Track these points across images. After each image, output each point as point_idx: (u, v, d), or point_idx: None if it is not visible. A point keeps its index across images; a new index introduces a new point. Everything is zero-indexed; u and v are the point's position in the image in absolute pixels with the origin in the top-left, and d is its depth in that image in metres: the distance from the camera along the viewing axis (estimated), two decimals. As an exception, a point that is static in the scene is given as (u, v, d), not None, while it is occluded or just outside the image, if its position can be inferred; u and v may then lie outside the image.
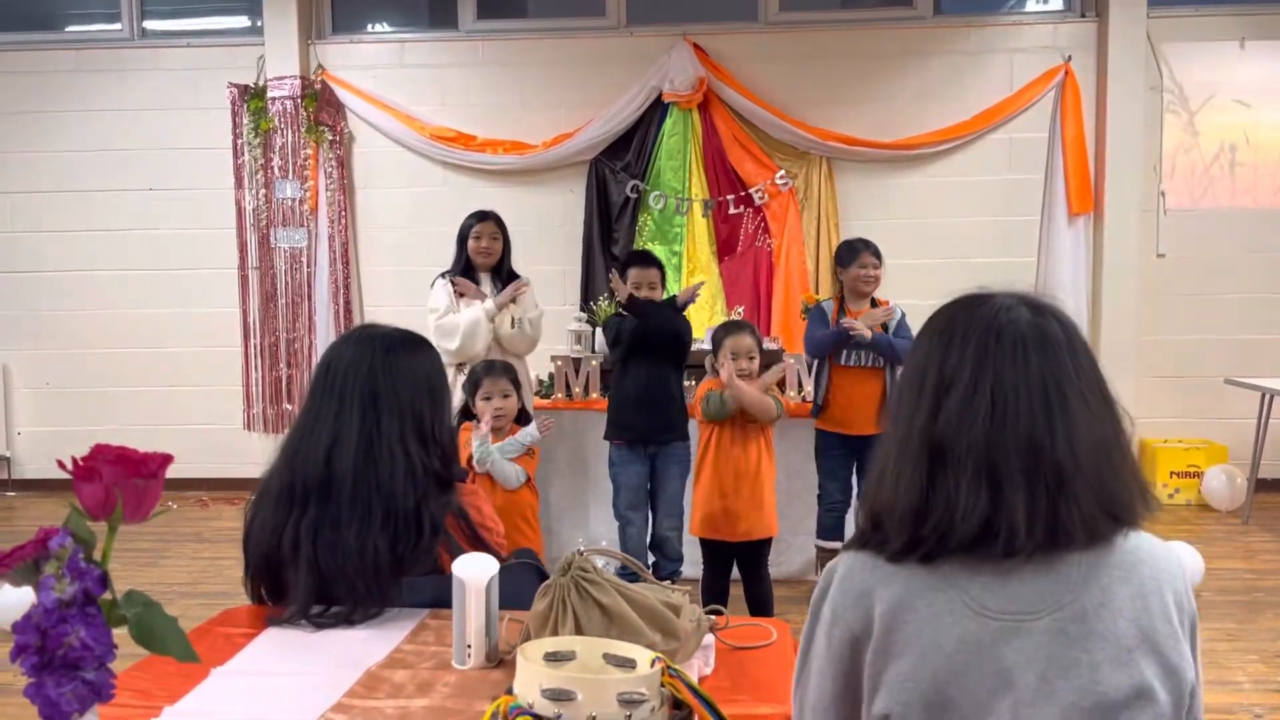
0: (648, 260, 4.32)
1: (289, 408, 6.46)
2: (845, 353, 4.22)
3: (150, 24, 6.71)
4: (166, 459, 0.93)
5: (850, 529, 4.38)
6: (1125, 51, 6.03)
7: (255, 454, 6.36)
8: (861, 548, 1.26)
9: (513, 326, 4.43)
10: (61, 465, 0.92)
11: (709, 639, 1.74)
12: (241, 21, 6.70)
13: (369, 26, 6.76)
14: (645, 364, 4.10)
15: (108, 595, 0.90)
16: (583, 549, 1.60)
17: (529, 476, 3.64)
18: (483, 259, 4.48)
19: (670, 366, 4.15)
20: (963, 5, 6.49)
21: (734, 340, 3.67)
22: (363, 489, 1.89)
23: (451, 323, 4.36)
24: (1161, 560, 1.21)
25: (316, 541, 1.86)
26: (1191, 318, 6.21)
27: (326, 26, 6.59)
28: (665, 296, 4.27)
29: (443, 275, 4.56)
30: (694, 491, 3.77)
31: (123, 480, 0.88)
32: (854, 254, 4.29)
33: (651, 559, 4.32)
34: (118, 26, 6.69)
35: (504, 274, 4.54)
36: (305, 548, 1.86)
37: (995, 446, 1.17)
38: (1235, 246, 6.18)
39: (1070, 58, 6.13)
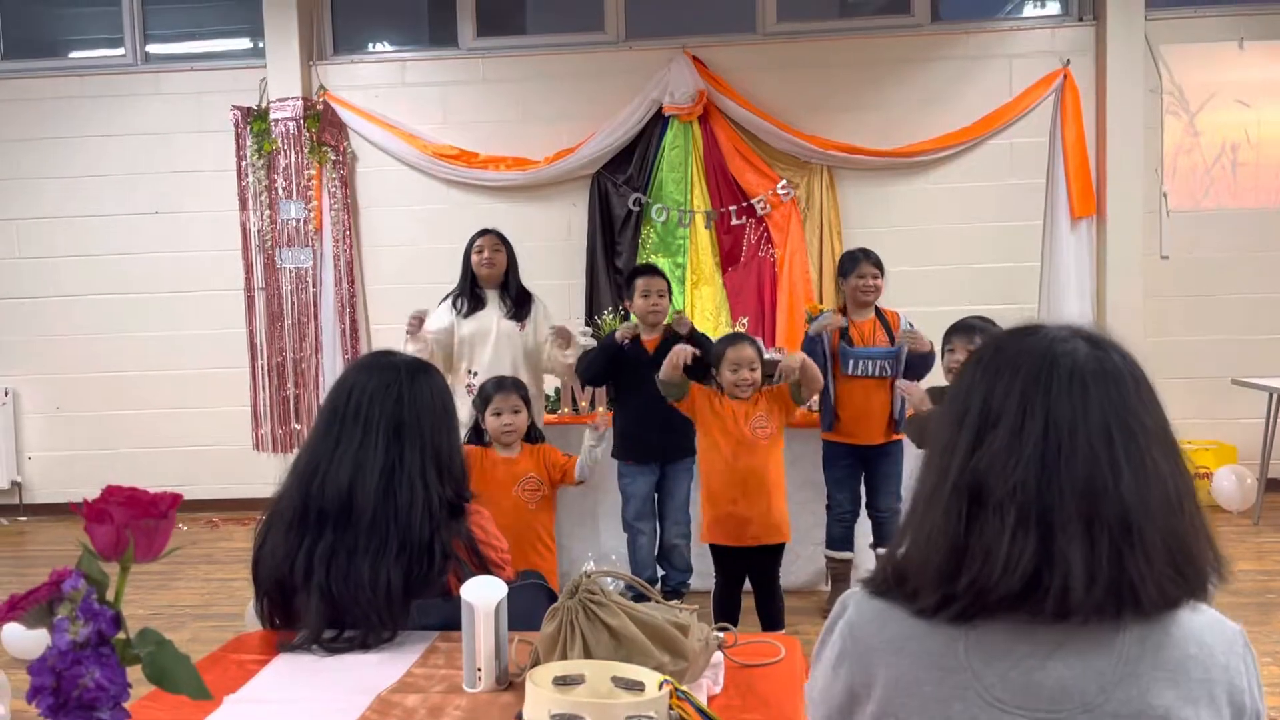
0: (654, 270, 4.39)
1: (298, 427, 6.48)
2: (850, 363, 4.23)
3: (153, 48, 6.77)
4: (175, 499, 0.95)
5: (860, 539, 4.39)
6: (1124, 54, 6.04)
7: (265, 474, 6.36)
8: (883, 594, 1.13)
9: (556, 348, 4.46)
10: (74, 508, 0.93)
11: (718, 657, 1.75)
12: (243, 44, 6.75)
13: (370, 46, 6.80)
14: (642, 384, 4.12)
15: (121, 635, 0.91)
16: (589, 571, 1.61)
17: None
18: (486, 270, 4.47)
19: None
20: (960, 11, 6.51)
21: (735, 351, 3.68)
22: (381, 520, 1.90)
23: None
24: (1219, 652, 1.05)
25: (330, 569, 1.87)
26: (1197, 319, 6.20)
27: (328, 47, 6.63)
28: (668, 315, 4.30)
29: (446, 298, 4.58)
30: (702, 497, 3.77)
31: (134, 521, 0.90)
32: (854, 264, 4.31)
33: (660, 571, 4.34)
34: (121, 52, 6.75)
35: (512, 290, 4.54)
36: (318, 575, 1.87)
37: (1047, 488, 1.02)
38: (1239, 246, 6.18)
39: (1069, 62, 6.14)
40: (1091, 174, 6.13)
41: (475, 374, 4.43)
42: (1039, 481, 1.03)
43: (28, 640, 3.75)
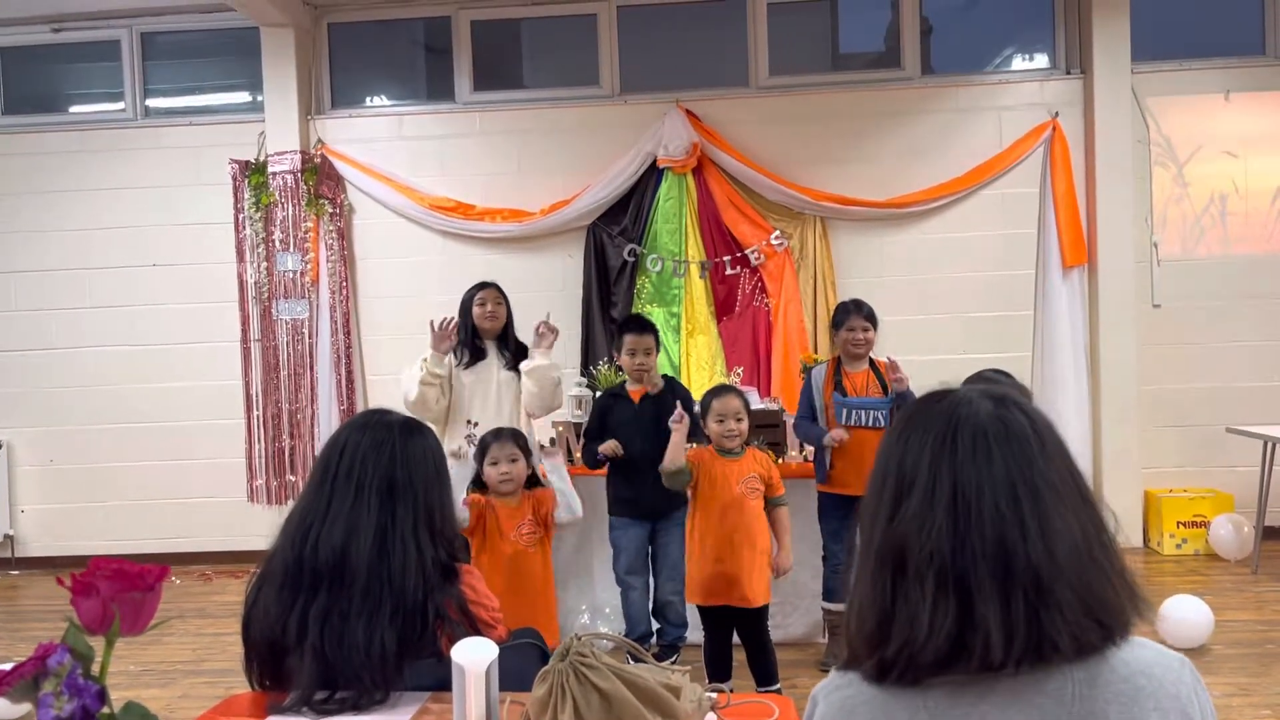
0: (643, 327, 4.34)
1: (292, 479, 6.46)
2: (843, 413, 4.24)
3: (153, 103, 6.85)
4: (163, 572, 0.95)
5: (856, 590, 4.36)
6: (1111, 107, 6.13)
7: (259, 526, 6.34)
8: (850, 666, 1.17)
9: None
10: (61, 582, 0.93)
11: (710, 718, 1.74)
12: (243, 98, 6.83)
13: (368, 100, 6.88)
14: (630, 439, 4.13)
15: (106, 710, 0.91)
16: (581, 634, 1.61)
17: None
18: (489, 324, 4.52)
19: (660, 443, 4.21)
20: (950, 65, 6.60)
21: (720, 402, 3.70)
22: (375, 582, 1.89)
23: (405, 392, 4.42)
24: (1168, 683, 1.08)
25: (324, 630, 1.86)
26: (1190, 367, 6.23)
27: (326, 101, 6.71)
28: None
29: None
30: (687, 558, 3.76)
31: (120, 595, 0.90)
32: (845, 317, 4.34)
33: (655, 625, 4.30)
34: (120, 106, 6.83)
35: (510, 342, 4.58)
36: (312, 635, 1.86)
37: (960, 552, 1.07)
38: (1230, 295, 6.22)
39: (1058, 114, 6.22)
40: (1082, 223, 6.19)
41: (476, 424, 4.44)
42: (952, 547, 1.07)
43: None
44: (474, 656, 1.66)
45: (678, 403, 3.70)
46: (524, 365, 4.44)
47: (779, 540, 3.73)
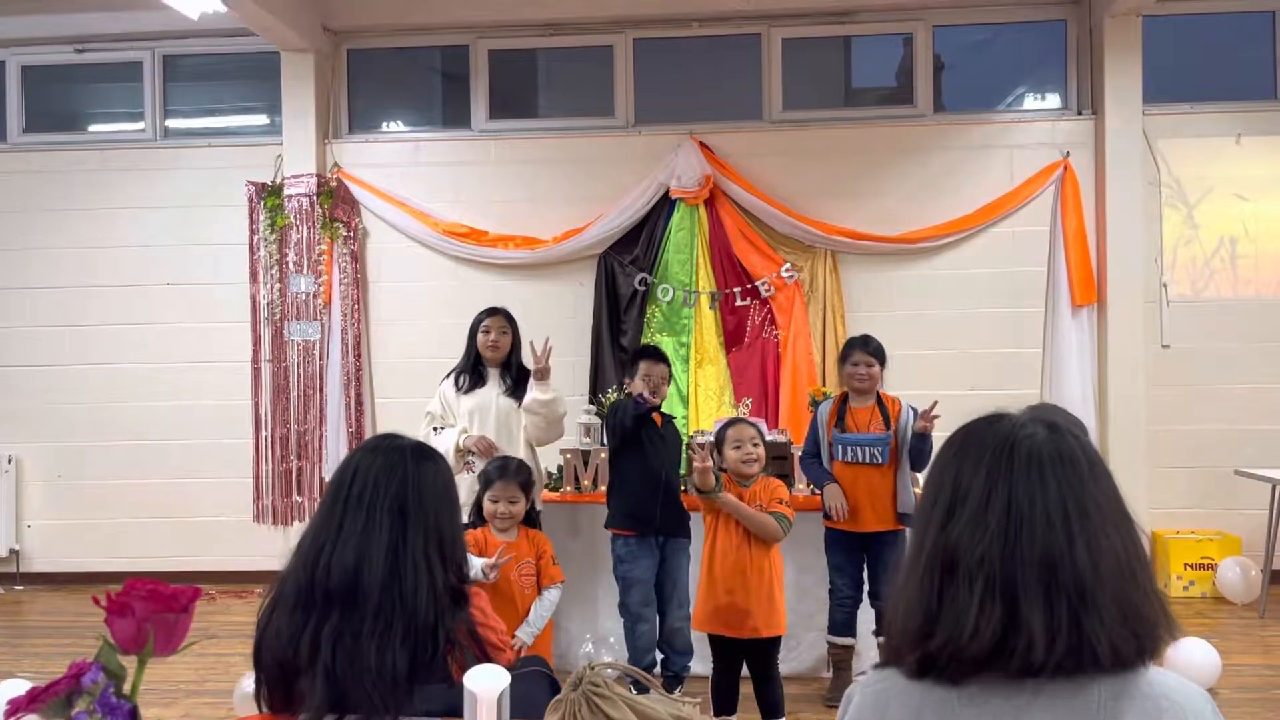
0: (659, 356, 4.39)
1: (299, 500, 6.47)
2: (840, 449, 4.25)
3: (173, 123, 6.92)
4: (195, 593, 0.96)
5: (862, 625, 4.36)
6: (1123, 148, 6.16)
7: (264, 547, 6.35)
8: (886, 663, 1.23)
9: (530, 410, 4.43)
10: (96, 601, 0.95)
11: (720, 751, 1.74)
12: (261, 121, 6.90)
13: (384, 126, 6.95)
14: (647, 454, 4.14)
15: (136, 728, 0.92)
16: (593, 663, 1.62)
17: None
18: (491, 353, 4.55)
19: (673, 464, 4.23)
20: (962, 103, 6.65)
21: (735, 430, 3.71)
22: (387, 603, 1.90)
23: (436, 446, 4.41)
24: (1190, 710, 1.14)
25: (336, 650, 1.86)
26: (1199, 408, 6.22)
27: (343, 126, 6.78)
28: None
29: (449, 375, 4.64)
30: (699, 585, 3.75)
31: (154, 615, 0.91)
32: (849, 352, 4.38)
33: (660, 655, 4.29)
34: (140, 127, 6.90)
35: (513, 368, 4.60)
36: (324, 655, 1.86)
37: (1010, 559, 1.14)
38: (1240, 337, 6.22)
39: (1069, 153, 6.26)
40: (1092, 263, 6.21)
41: (474, 451, 4.46)
42: (1002, 553, 1.15)
43: None
44: (486, 683, 1.67)
45: (697, 433, 3.73)
46: (525, 401, 4.44)
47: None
